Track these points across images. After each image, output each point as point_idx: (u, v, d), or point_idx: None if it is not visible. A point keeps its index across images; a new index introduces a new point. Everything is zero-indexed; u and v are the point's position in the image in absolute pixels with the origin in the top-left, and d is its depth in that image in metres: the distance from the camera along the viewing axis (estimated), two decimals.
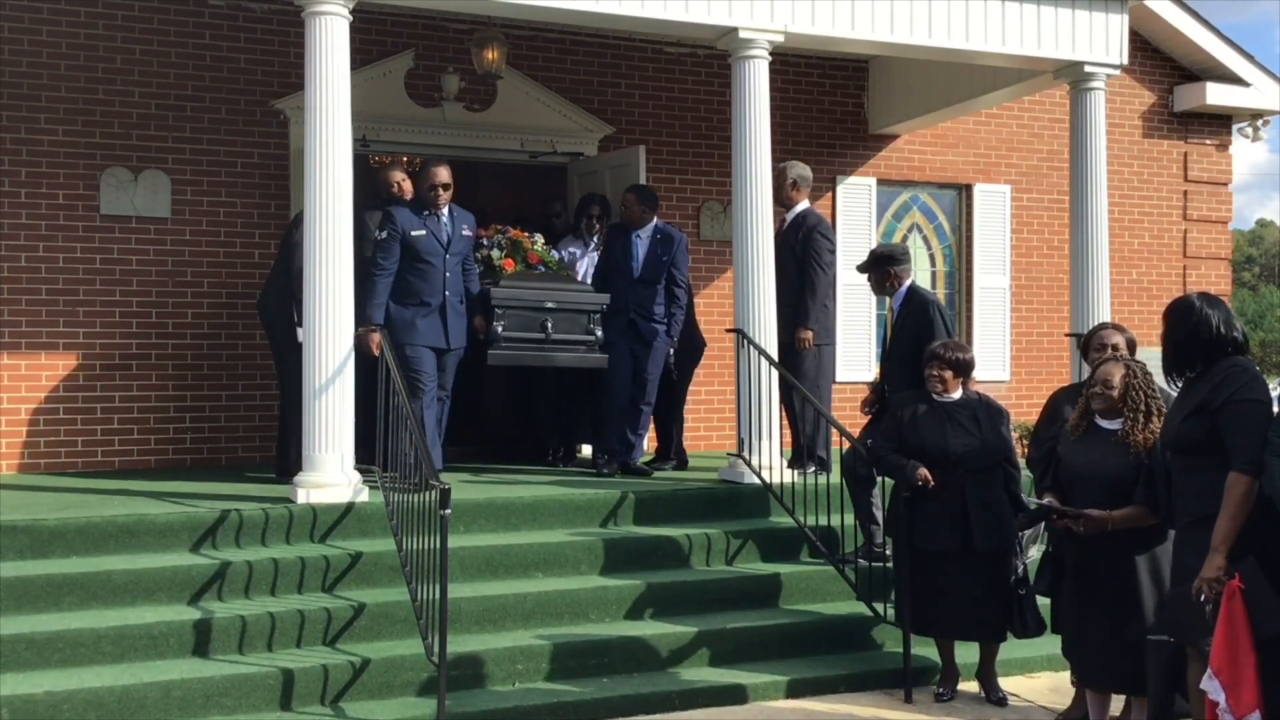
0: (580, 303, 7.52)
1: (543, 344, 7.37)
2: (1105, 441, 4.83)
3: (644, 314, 7.61)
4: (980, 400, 5.76)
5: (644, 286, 7.60)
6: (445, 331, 6.92)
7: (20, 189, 7.86)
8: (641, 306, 7.60)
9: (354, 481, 6.26)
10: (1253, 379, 4.07)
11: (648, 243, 7.64)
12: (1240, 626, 3.85)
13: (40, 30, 7.91)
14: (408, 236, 6.79)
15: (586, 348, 7.52)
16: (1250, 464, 3.93)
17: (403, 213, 6.87)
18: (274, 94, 8.44)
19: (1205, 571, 3.97)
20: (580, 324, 7.49)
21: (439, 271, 6.88)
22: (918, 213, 10.47)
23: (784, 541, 6.75)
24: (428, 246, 6.84)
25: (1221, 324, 4.14)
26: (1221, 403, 4.04)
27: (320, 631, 5.47)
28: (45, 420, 7.90)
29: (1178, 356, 4.23)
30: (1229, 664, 3.86)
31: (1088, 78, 8.07)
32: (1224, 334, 4.14)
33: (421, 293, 6.85)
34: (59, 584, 5.40)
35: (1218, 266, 11.35)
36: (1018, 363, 10.57)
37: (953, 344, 5.84)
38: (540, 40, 9.13)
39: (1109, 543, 4.78)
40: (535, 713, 5.23)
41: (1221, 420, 4.03)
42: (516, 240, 7.67)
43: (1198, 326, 4.15)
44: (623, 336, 7.59)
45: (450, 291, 6.93)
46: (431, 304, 6.87)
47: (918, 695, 5.69)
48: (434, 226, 6.89)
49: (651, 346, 7.61)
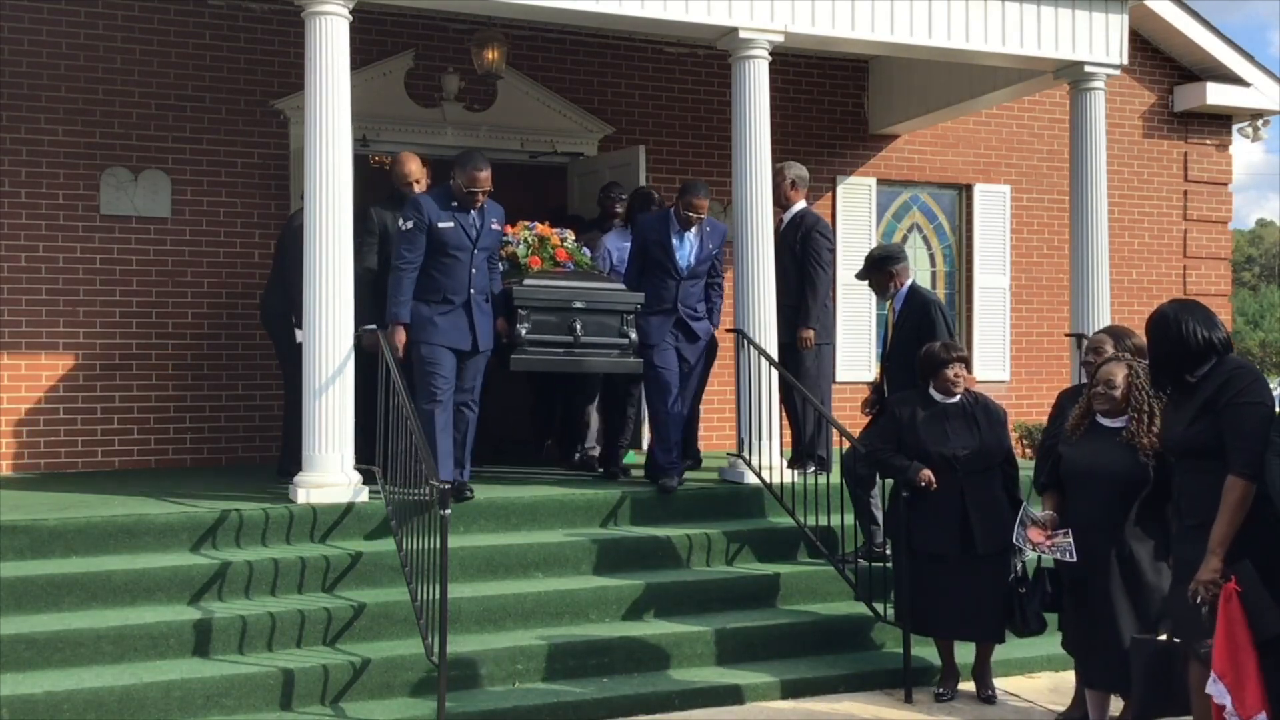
0: (613, 302, 6.92)
1: (571, 348, 6.80)
2: (1109, 440, 4.82)
3: (692, 311, 7.15)
4: (979, 401, 5.75)
5: (692, 283, 7.13)
6: (472, 331, 6.38)
7: (20, 189, 7.86)
8: (689, 303, 7.13)
9: (354, 481, 6.26)
10: (1255, 380, 4.08)
11: (698, 238, 7.11)
12: (1239, 628, 3.86)
13: (40, 30, 7.91)
14: (434, 228, 6.28)
15: (620, 351, 6.91)
16: (1248, 468, 3.93)
17: (429, 202, 6.34)
18: (274, 94, 8.44)
19: (1201, 574, 3.98)
20: (613, 326, 6.89)
21: (465, 267, 6.36)
22: (918, 213, 10.47)
23: (784, 541, 6.75)
24: (455, 240, 6.32)
25: (1202, 328, 4.15)
26: (1225, 404, 4.05)
27: (320, 631, 5.47)
28: (45, 420, 7.90)
29: (1166, 369, 4.25)
30: (1231, 667, 3.86)
31: (1088, 78, 8.07)
32: (1208, 337, 4.14)
33: (445, 289, 6.33)
34: (59, 584, 5.40)
35: (1218, 266, 11.35)
36: (1017, 363, 10.57)
37: (954, 343, 5.85)
38: (540, 40, 9.13)
39: (1109, 544, 4.78)
40: (535, 713, 5.23)
41: (1223, 422, 4.04)
42: (544, 236, 7.15)
43: (1182, 337, 4.15)
44: (671, 337, 7.06)
45: (476, 289, 6.41)
46: (455, 301, 6.35)
47: (918, 695, 5.69)
48: (463, 219, 6.36)
49: (701, 342, 7.21)
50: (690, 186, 7.08)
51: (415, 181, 6.98)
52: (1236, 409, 4.02)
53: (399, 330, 6.24)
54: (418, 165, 7.07)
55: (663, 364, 6.97)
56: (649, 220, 7.27)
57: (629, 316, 6.92)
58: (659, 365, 6.97)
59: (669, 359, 7.00)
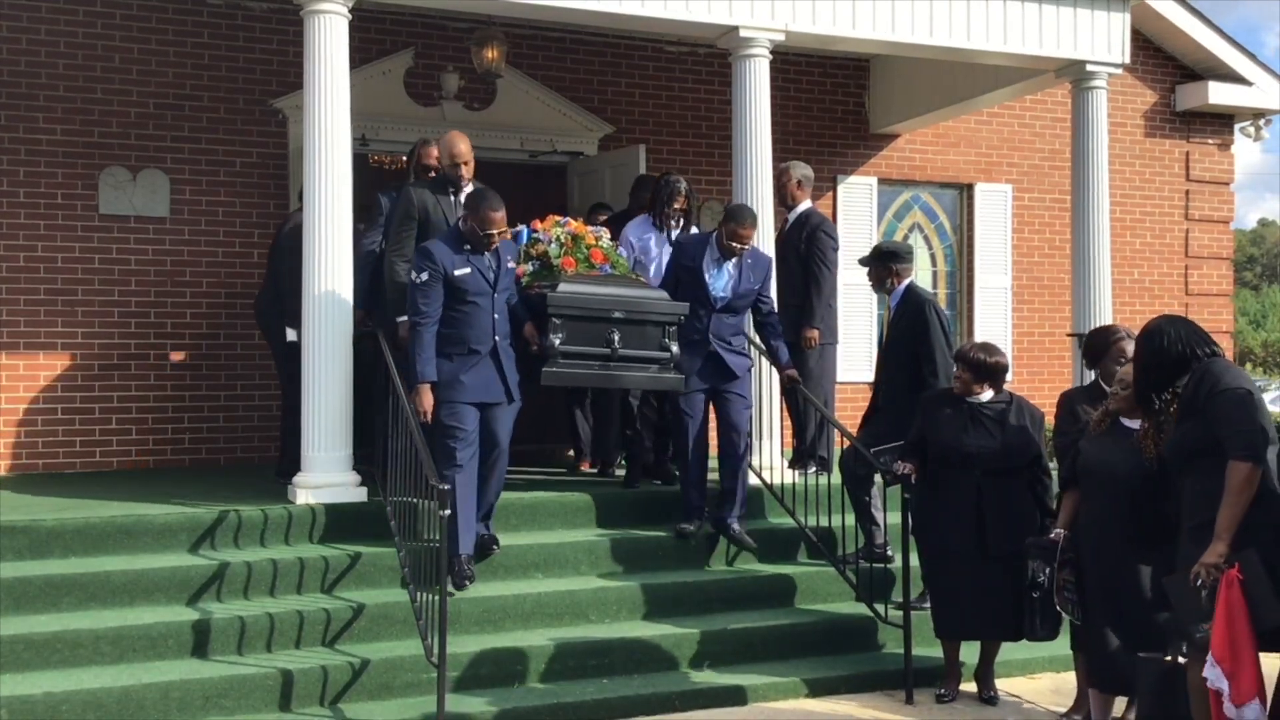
0: (654, 312, 6.28)
1: (608, 360, 6.17)
2: (1125, 440, 4.80)
3: (726, 344, 6.48)
4: (1013, 403, 5.65)
5: (728, 315, 6.50)
6: (503, 380, 5.85)
7: (19, 188, 7.84)
8: (723, 335, 6.48)
9: (353, 482, 6.24)
10: (1226, 369, 4.17)
11: (738, 269, 6.48)
12: (1239, 615, 3.89)
13: (39, 29, 7.89)
14: (450, 276, 5.70)
15: (659, 366, 6.29)
16: (1245, 449, 3.98)
17: (441, 249, 5.75)
18: (273, 93, 8.42)
19: (1206, 557, 4.00)
20: (653, 338, 6.26)
21: (487, 313, 5.80)
22: (919, 212, 10.45)
23: (784, 542, 6.73)
24: (475, 286, 5.76)
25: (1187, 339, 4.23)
26: (1204, 399, 4.10)
27: (319, 632, 5.45)
28: (44, 420, 7.89)
29: (1146, 380, 4.35)
30: (1229, 653, 3.89)
31: (1089, 77, 8.05)
32: (1193, 350, 4.22)
33: (468, 339, 5.76)
34: (57, 584, 5.39)
35: (1219, 266, 11.33)
36: (1019, 362, 10.54)
37: (980, 345, 5.70)
38: (540, 39, 9.11)
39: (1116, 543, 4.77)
40: (535, 713, 5.21)
41: (1209, 416, 4.09)
42: (578, 235, 6.49)
43: (1164, 348, 4.25)
44: (701, 374, 6.42)
45: (500, 335, 5.85)
46: (481, 350, 5.79)
47: (919, 696, 5.67)
48: (478, 262, 5.79)
49: (737, 381, 6.49)
50: (736, 212, 6.43)
51: (465, 163, 6.35)
52: (1215, 399, 4.08)
53: (426, 392, 5.68)
54: (467, 145, 6.42)
55: (687, 408, 6.43)
56: (687, 243, 6.71)
57: (671, 329, 6.31)
58: (682, 408, 6.46)
59: (695, 405, 6.44)
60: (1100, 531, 4.83)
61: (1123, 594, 4.78)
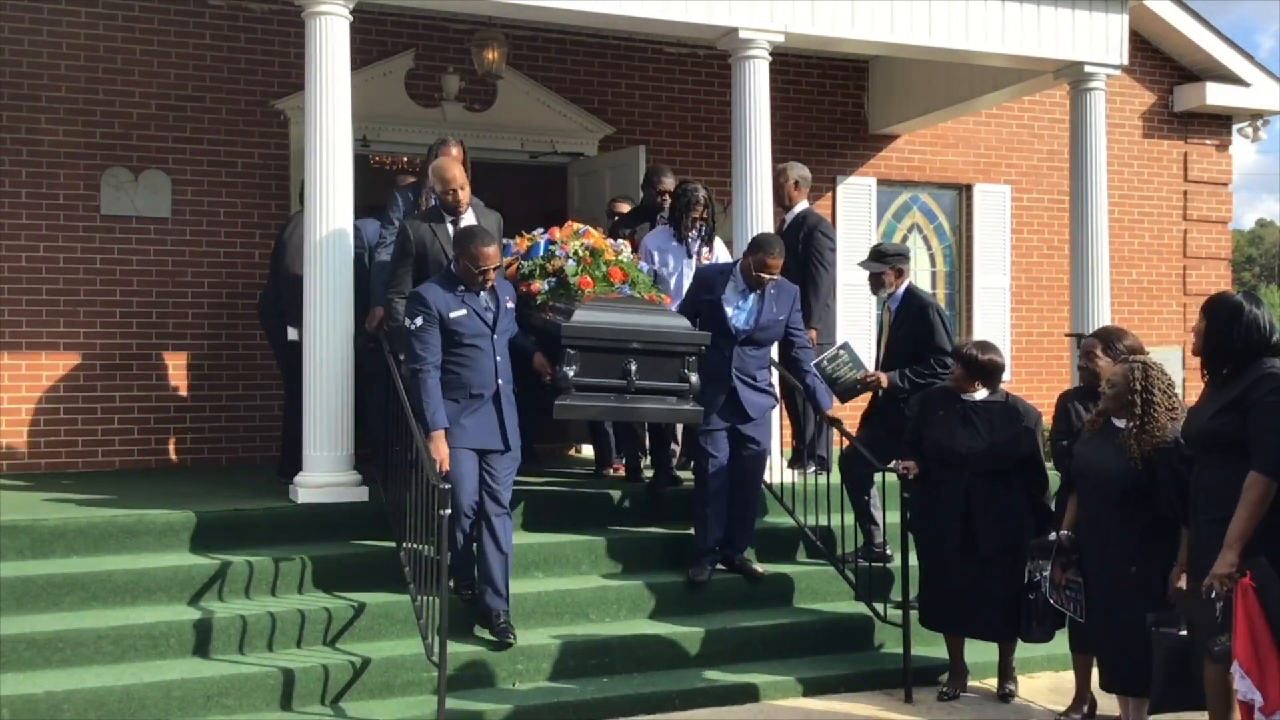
0: (673, 342, 5.96)
1: (624, 392, 5.88)
2: (1111, 440, 4.83)
3: (750, 379, 6.21)
4: (1006, 402, 5.66)
5: (751, 349, 6.22)
6: (502, 427, 5.58)
7: (21, 189, 7.86)
8: (747, 370, 6.21)
9: (354, 481, 6.26)
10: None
11: (761, 300, 6.19)
12: (1259, 624, 3.85)
13: (40, 30, 7.90)
14: (446, 319, 5.46)
15: (678, 398, 5.99)
16: (1270, 466, 3.93)
17: (434, 291, 5.51)
18: (274, 94, 8.44)
19: (1217, 568, 3.97)
20: (672, 368, 5.96)
21: (489, 356, 5.55)
22: (918, 213, 10.47)
23: (784, 541, 6.75)
24: (472, 328, 5.51)
25: (1269, 326, 4.15)
26: (1254, 402, 4.04)
27: (320, 631, 5.47)
28: (46, 420, 7.90)
29: (1219, 353, 4.21)
30: (1255, 664, 3.86)
31: (1088, 78, 8.07)
32: (1268, 336, 4.15)
33: (470, 384, 5.51)
34: (59, 584, 5.40)
35: (1218, 267, 11.35)
36: (1018, 363, 10.56)
37: (976, 343, 5.72)
38: (540, 40, 9.13)
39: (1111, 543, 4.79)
40: (535, 713, 5.23)
41: (1250, 419, 4.04)
42: (597, 250, 6.15)
43: (1249, 327, 4.14)
44: (723, 413, 6.13)
45: (503, 379, 5.59)
46: (485, 395, 5.54)
47: (919, 695, 5.69)
48: (474, 303, 5.55)
49: (758, 424, 6.23)
50: (764, 243, 6.12)
51: (460, 188, 6.08)
52: (1265, 407, 4.01)
53: (440, 440, 5.40)
54: (460, 170, 6.15)
55: (710, 447, 6.16)
56: (709, 271, 6.44)
57: (690, 359, 5.99)
58: (704, 446, 6.19)
59: (719, 444, 6.16)
60: (1097, 532, 4.86)
61: (1122, 594, 4.79)
